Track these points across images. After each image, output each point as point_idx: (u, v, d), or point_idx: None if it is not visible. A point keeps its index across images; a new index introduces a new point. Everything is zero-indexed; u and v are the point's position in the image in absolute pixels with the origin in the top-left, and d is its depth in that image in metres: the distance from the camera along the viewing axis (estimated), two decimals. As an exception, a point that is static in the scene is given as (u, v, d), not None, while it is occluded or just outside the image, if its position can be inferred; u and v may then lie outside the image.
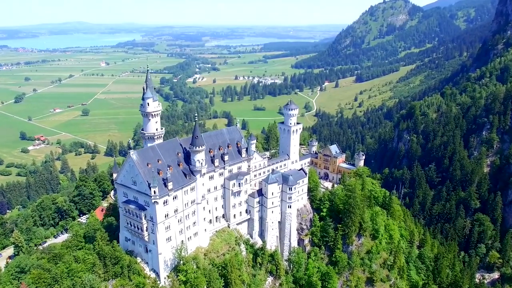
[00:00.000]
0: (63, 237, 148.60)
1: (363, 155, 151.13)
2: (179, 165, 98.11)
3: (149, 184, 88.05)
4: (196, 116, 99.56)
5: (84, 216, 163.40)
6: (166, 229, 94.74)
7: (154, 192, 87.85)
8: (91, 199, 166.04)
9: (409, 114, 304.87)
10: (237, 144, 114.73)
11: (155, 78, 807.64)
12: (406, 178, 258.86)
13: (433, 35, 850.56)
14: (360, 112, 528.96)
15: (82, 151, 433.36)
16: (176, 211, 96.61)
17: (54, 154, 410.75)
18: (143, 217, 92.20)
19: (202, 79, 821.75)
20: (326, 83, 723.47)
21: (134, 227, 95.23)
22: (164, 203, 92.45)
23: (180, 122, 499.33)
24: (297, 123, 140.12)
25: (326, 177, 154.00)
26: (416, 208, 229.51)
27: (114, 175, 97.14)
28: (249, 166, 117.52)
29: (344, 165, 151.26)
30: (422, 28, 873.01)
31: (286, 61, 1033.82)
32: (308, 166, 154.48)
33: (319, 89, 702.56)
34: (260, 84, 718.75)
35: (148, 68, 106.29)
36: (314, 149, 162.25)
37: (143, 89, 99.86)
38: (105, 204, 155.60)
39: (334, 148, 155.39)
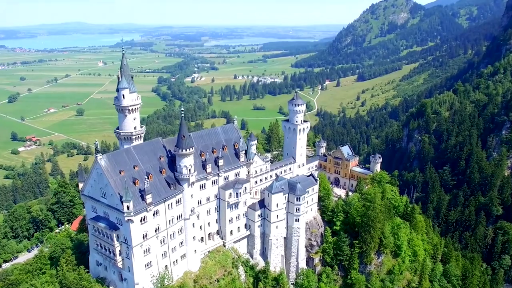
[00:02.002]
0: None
1: (379, 157, 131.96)
2: (161, 172, 78.92)
3: (121, 198, 68.89)
4: (182, 110, 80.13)
5: (63, 226, 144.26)
6: (145, 252, 75.51)
7: (128, 207, 68.72)
8: (71, 208, 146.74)
9: (420, 113, 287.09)
10: (234, 145, 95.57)
11: (153, 78, 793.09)
12: (419, 181, 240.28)
13: (435, 33, 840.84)
14: (363, 111, 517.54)
15: (75, 152, 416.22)
16: (157, 229, 77.45)
17: (45, 156, 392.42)
18: (115, 239, 73.01)
19: (200, 79, 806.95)
20: (327, 82, 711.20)
21: (105, 250, 76.04)
22: (141, 220, 73.31)
23: (177, 122, 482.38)
24: (304, 121, 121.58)
25: (336, 182, 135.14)
26: (430, 214, 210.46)
27: (80, 185, 77.84)
28: (248, 172, 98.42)
29: (358, 169, 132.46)
30: (424, 26, 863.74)
31: (286, 60, 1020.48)
32: (316, 170, 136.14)
33: (320, 88, 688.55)
34: (260, 83, 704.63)
35: (123, 51, 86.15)
36: (323, 150, 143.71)
37: (118, 78, 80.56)
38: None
39: (346, 150, 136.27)
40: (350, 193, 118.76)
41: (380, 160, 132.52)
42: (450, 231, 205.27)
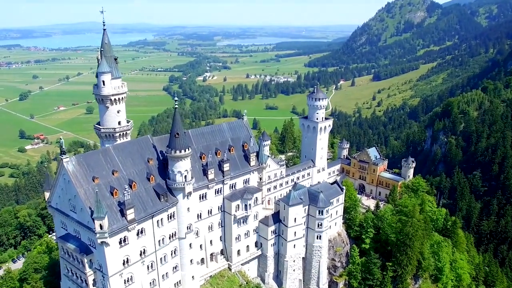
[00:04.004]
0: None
1: (413, 161, 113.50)
2: (149, 179, 61.95)
3: (92, 213, 52.25)
4: (176, 100, 62.59)
5: (54, 233, 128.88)
6: (126, 282, 58.67)
7: (100, 226, 51.95)
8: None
9: (445, 113, 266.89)
10: (243, 146, 78.20)
11: (164, 77, 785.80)
12: (445, 186, 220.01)
13: (453, 32, 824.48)
14: (380, 111, 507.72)
15: (82, 151, 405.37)
16: (143, 253, 60.55)
17: (51, 154, 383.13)
18: (86, 265, 56.31)
19: (212, 78, 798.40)
20: (341, 82, 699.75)
21: (77, 277, 59.40)
22: (120, 242, 56.57)
23: (188, 121, 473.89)
24: (326, 118, 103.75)
25: (361, 190, 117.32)
26: (460, 225, 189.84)
27: (46, 195, 61.36)
28: (260, 179, 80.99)
29: (387, 175, 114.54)
30: (442, 25, 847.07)
31: (299, 60, 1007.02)
32: (337, 175, 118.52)
33: (334, 87, 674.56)
34: (273, 83, 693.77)
35: (104, 26, 68.27)
36: (345, 152, 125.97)
37: (97, 59, 64.04)
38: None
39: (373, 152, 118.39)
40: (382, 204, 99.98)
41: (414, 164, 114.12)
42: (483, 244, 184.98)
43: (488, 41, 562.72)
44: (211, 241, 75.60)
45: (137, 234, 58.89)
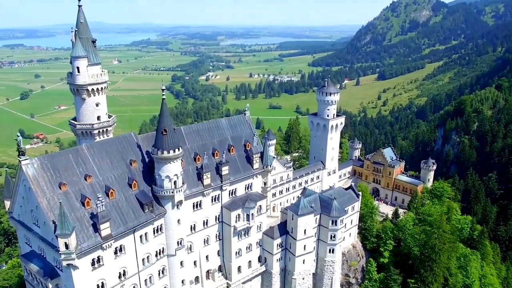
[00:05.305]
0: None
1: (433, 163, 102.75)
2: (131, 185, 51.32)
3: (55, 228, 41.75)
4: (163, 89, 51.59)
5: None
6: (102, 311, 48.15)
7: (66, 245, 41.46)
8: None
9: (458, 111, 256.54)
10: (245, 145, 67.45)
11: (167, 76, 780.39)
12: (459, 189, 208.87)
13: (459, 31, 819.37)
14: (385, 111, 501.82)
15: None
16: (122, 275, 49.98)
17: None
18: (52, 291, 45.81)
19: (215, 77, 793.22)
20: (346, 81, 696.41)
21: (43, 304, 48.92)
22: (93, 263, 46.04)
23: (190, 121, 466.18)
24: (338, 115, 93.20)
25: (375, 194, 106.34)
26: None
27: (7, 204, 50.96)
28: (265, 184, 70.11)
29: (404, 178, 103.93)
30: (447, 24, 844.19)
31: (303, 59, 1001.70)
32: (348, 178, 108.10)
33: (338, 87, 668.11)
34: (276, 82, 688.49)
35: (79, 2, 56.31)
36: (357, 153, 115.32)
37: (72, 42, 53.63)
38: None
39: (388, 153, 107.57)
40: (401, 212, 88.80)
41: (435, 167, 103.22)
42: (502, 250, 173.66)
43: (495, 40, 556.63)
44: (207, 257, 64.80)
45: (115, 253, 48.32)
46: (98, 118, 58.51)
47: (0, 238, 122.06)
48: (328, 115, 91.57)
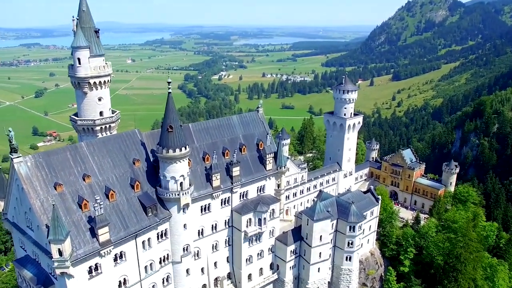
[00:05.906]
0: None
1: (456, 166, 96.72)
2: (133, 187, 47.49)
3: (48, 233, 38.07)
4: (169, 82, 47.32)
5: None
6: (100, 323, 44.34)
7: (60, 252, 37.75)
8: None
9: (477, 113, 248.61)
10: (258, 145, 63.14)
11: (179, 75, 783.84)
12: (478, 193, 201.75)
13: (476, 31, 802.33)
14: (400, 112, 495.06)
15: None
16: (123, 283, 46.18)
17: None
18: (46, 301, 42.18)
19: (228, 76, 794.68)
20: (359, 82, 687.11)
21: (38, 313, 45.36)
22: (90, 272, 42.29)
23: (202, 120, 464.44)
24: (355, 114, 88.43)
25: (393, 198, 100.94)
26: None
27: (1, 204, 47.65)
28: (278, 186, 65.65)
29: (425, 181, 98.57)
30: (464, 24, 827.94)
31: (316, 60, 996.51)
32: (365, 180, 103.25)
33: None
34: (289, 82, 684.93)
35: None
36: (374, 154, 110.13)
37: (73, 31, 50.16)
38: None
39: (408, 154, 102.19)
40: (423, 218, 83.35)
41: (457, 170, 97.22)
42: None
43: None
44: (215, 263, 60.71)
45: (115, 260, 44.53)
46: (101, 113, 55.02)
47: (7, 237, 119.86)
48: (345, 114, 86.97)
